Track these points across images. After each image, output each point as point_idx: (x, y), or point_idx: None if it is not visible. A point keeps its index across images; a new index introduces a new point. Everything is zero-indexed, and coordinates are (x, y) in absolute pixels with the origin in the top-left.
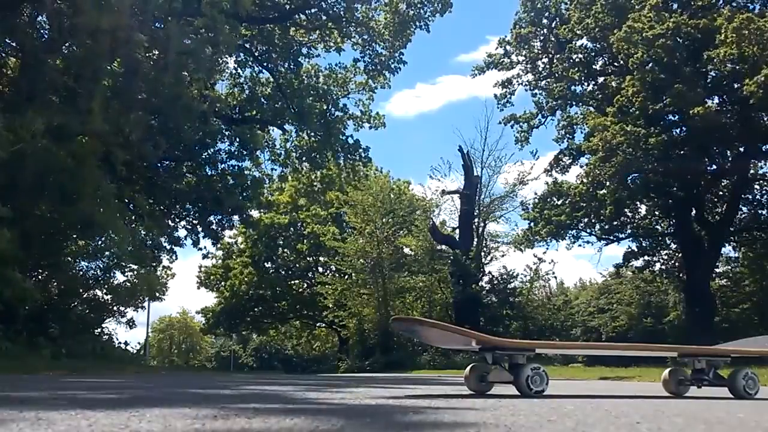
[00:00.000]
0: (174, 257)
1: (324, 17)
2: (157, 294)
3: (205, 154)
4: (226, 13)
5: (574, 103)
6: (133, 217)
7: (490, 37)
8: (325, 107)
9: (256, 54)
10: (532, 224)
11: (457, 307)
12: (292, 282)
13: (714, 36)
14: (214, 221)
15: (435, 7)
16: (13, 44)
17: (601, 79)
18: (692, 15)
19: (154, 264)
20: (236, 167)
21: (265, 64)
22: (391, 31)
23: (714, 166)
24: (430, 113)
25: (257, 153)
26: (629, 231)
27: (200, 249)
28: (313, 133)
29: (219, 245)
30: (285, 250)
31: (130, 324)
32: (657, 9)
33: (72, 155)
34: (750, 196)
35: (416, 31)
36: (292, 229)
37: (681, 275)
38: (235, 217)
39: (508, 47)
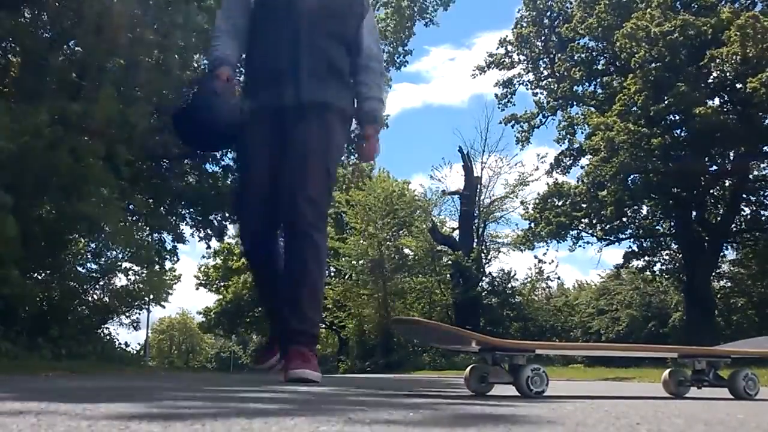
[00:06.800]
0: (176, 259)
1: None
2: (162, 298)
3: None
4: None
5: (575, 103)
6: (135, 218)
7: (428, 47)
8: None
9: None
10: (532, 224)
11: (458, 308)
12: None
13: (717, 35)
14: (215, 221)
15: (438, 0)
16: (15, 45)
17: (602, 79)
18: (695, 14)
19: (157, 264)
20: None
21: None
22: (393, 26)
23: (714, 167)
24: (387, 120)
25: None
26: (630, 232)
27: (209, 247)
28: None
29: (220, 245)
30: None
31: (135, 326)
32: (664, 8)
33: (75, 152)
34: (752, 197)
35: (413, 28)
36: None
37: (682, 276)
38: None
39: (509, 47)
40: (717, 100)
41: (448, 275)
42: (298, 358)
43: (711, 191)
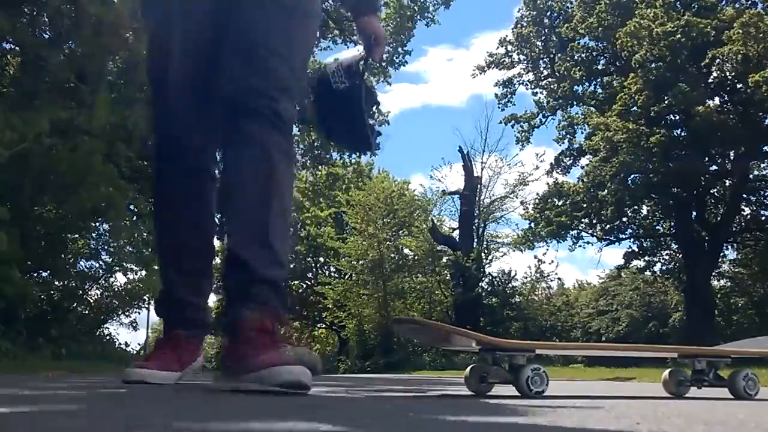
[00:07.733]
0: None
1: (324, 16)
2: None
3: None
4: None
5: (575, 103)
6: (134, 218)
7: (427, 47)
8: None
9: None
10: (532, 224)
11: (458, 308)
12: (292, 283)
13: (719, 35)
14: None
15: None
16: (15, 45)
17: (602, 79)
18: (695, 15)
19: (157, 264)
20: None
21: None
22: (393, 27)
23: (715, 167)
24: (387, 117)
25: None
26: (630, 232)
27: None
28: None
29: (221, 244)
30: None
31: (134, 326)
32: (666, 8)
33: (75, 152)
34: (752, 197)
35: (417, 24)
36: (290, 230)
37: (682, 276)
38: None
39: (509, 47)
40: (717, 100)
41: (448, 275)
42: (252, 343)
43: (711, 191)
